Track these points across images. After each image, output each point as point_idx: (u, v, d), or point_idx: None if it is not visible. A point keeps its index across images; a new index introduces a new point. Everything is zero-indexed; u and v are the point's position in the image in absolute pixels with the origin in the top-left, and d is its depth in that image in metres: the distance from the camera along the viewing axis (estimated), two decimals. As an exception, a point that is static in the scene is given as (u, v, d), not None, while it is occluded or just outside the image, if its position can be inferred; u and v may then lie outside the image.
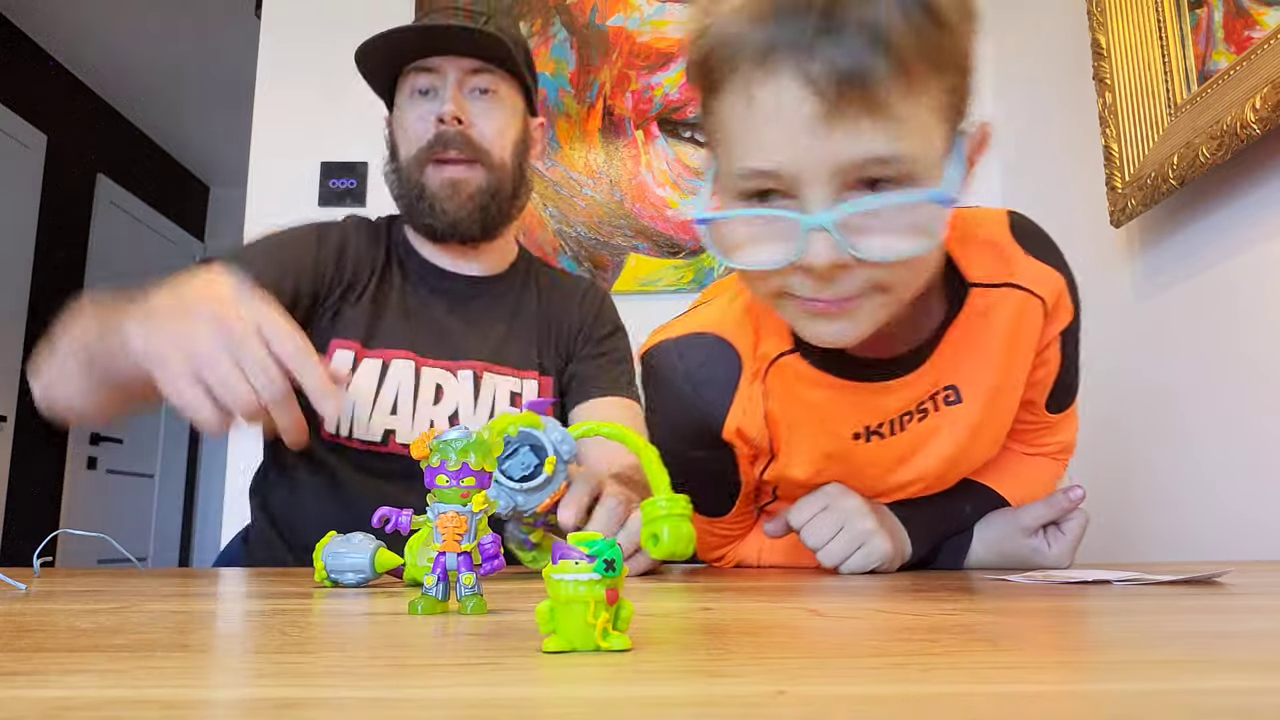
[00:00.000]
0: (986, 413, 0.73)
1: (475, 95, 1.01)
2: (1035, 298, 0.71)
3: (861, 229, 0.54)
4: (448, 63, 0.99)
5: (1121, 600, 0.47)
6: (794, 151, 0.54)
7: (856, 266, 0.56)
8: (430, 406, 0.99)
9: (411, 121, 1.01)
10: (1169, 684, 0.25)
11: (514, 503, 0.64)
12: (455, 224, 1.00)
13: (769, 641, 0.34)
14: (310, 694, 0.24)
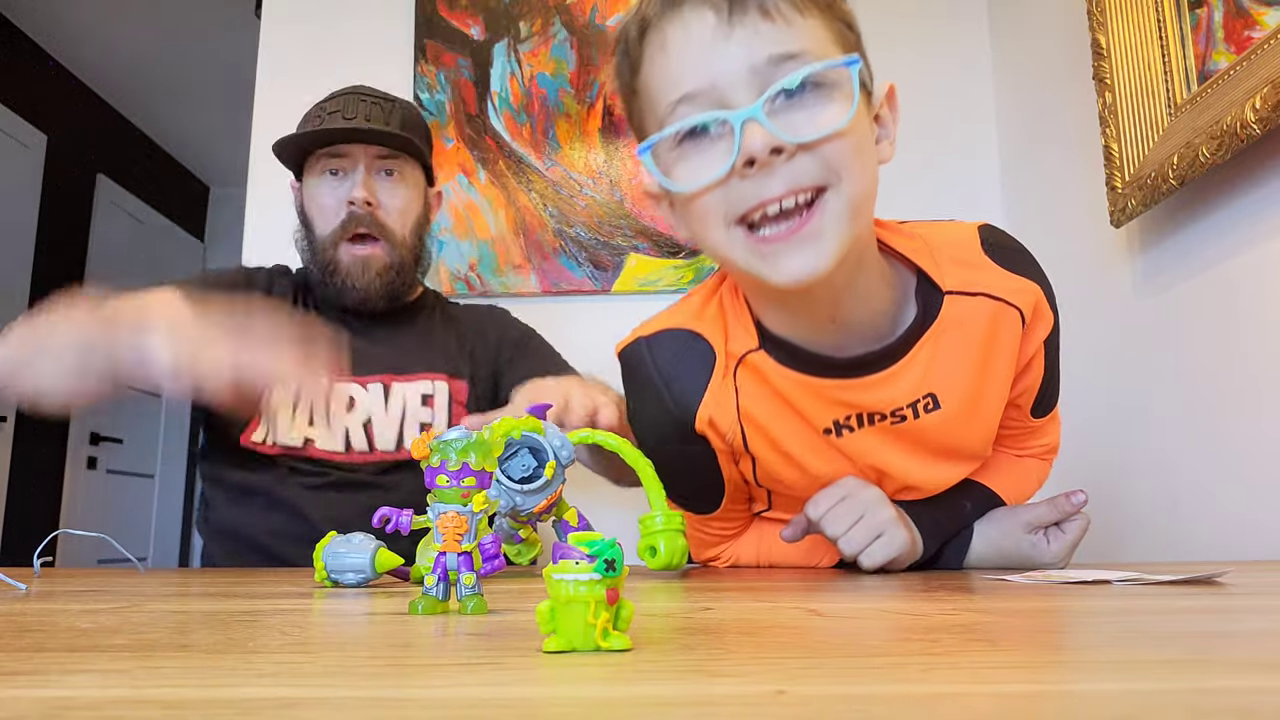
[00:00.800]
0: (967, 419, 0.74)
1: (382, 177, 1.14)
2: (1011, 308, 0.72)
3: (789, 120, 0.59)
4: (357, 149, 1.12)
5: (1121, 600, 0.47)
6: (710, 65, 0.60)
7: (797, 154, 0.59)
8: (343, 415, 1.09)
9: (324, 199, 1.13)
10: (1169, 684, 0.25)
11: (513, 503, 0.64)
12: (364, 300, 1.13)
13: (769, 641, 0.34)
14: (311, 694, 0.24)
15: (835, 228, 0.61)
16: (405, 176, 1.16)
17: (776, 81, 0.59)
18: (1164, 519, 1.20)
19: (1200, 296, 1.14)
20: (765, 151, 0.58)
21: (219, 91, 3.67)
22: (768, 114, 0.59)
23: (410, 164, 1.16)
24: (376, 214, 1.12)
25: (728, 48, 0.60)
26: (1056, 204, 1.53)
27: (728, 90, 0.60)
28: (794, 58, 0.59)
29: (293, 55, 1.80)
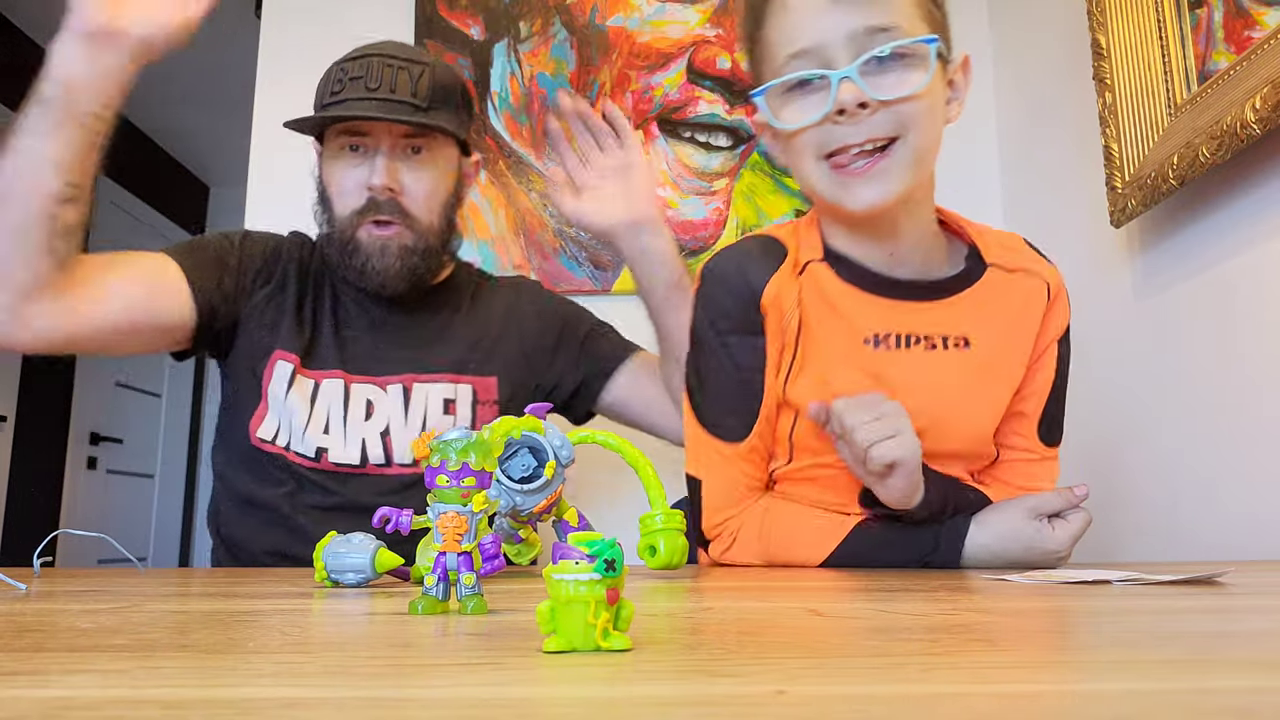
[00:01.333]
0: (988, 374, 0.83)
1: (407, 155, 1.04)
2: (1039, 279, 0.86)
3: (876, 81, 0.73)
4: (380, 128, 1.02)
5: (1121, 600, 0.47)
6: (819, 29, 0.75)
7: (879, 109, 0.74)
8: (361, 423, 1.04)
9: (343, 180, 1.05)
10: (1169, 684, 0.25)
11: (513, 502, 0.64)
12: (384, 284, 1.05)
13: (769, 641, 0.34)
14: (311, 694, 0.24)
15: (900, 170, 0.75)
16: (434, 154, 1.05)
17: (869, 49, 0.73)
18: (1164, 519, 1.20)
19: (1200, 296, 1.14)
20: (854, 105, 0.73)
21: (219, 91, 3.67)
22: (860, 74, 0.73)
23: (441, 139, 1.06)
24: (399, 200, 1.03)
25: (835, 16, 0.74)
26: (1056, 204, 1.53)
27: (831, 51, 0.74)
28: (886, 30, 0.73)
29: (293, 55, 1.80)
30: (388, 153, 1.02)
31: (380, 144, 1.02)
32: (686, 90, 1.75)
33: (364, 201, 1.03)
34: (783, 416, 0.84)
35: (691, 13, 1.78)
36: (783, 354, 0.82)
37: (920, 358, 0.81)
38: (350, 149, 1.04)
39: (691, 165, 1.73)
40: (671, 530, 0.71)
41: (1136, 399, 1.28)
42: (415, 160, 1.04)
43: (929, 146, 0.77)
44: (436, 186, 1.06)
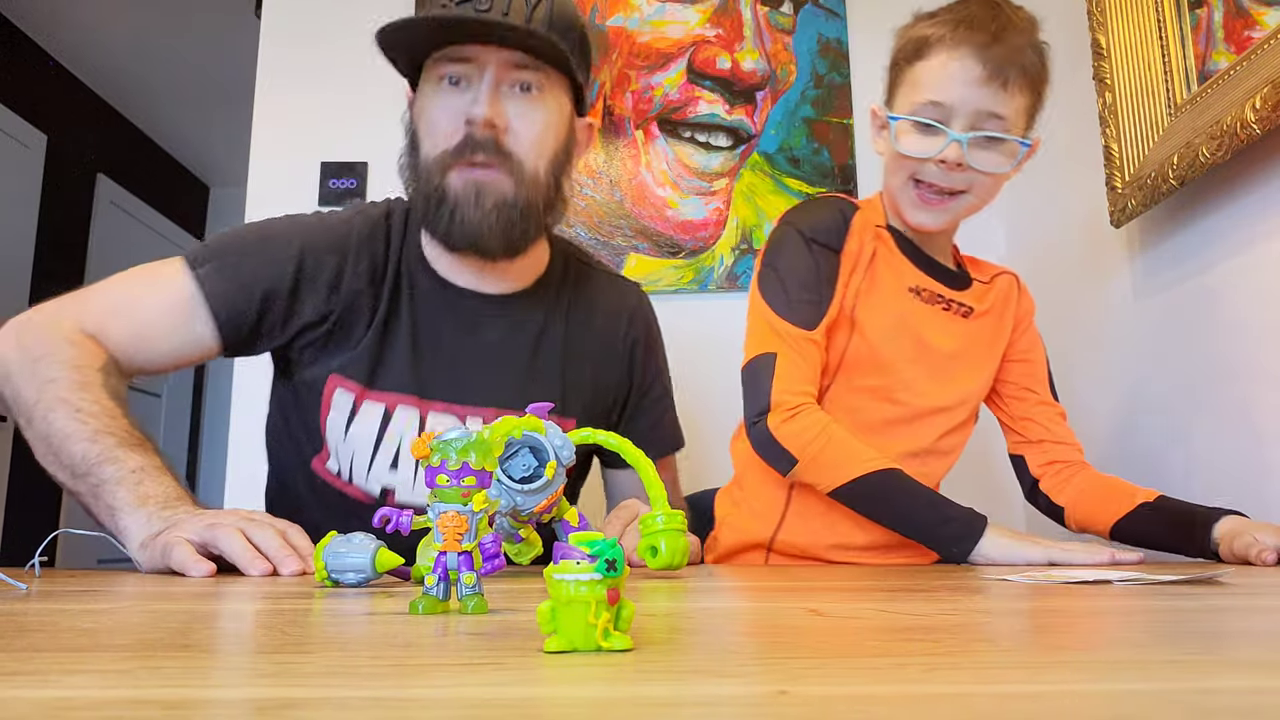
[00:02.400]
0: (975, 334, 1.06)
1: (515, 93, 0.88)
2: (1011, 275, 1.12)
3: (976, 153, 0.95)
4: (486, 53, 0.86)
5: (1121, 600, 0.47)
6: (959, 95, 0.94)
7: (966, 170, 0.95)
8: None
9: (437, 115, 0.88)
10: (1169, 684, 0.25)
11: (513, 503, 0.64)
12: (476, 236, 0.88)
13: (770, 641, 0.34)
14: (311, 694, 0.24)
15: (955, 213, 1.00)
16: (546, 96, 0.89)
17: (982, 127, 0.94)
18: (1164, 519, 1.20)
19: (1200, 296, 1.14)
20: (954, 162, 0.95)
21: (219, 91, 3.67)
22: (968, 142, 0.94)
23: (556, 80, 0.89)
24: (501, 138, 0.87)
25: (973, 91, 0.93)
26: (1056, 204, 1.53)
27: (956, 113, 0.94)
28: (1000, 119, 0.94)
29: (293, 55, 1.80)
30: (493, 83, 0.86)
31: (485, 72, 0.86)
32: (686, 90, 1.75)
33: (459, 139, 0.87)
34: (840, 332, 1.01)
35: (691, 13, 1.78)
36: (854, 274, 1.01)
37: (939, 315, 1.04)
38: (450, 82, 0.88)
39: (691, 165, 1.73)
40: (673, 531, 0.71)
41: (1136, 398, 1.28)
42: (525, 98, 0.88)
43: (980, 204, 1.00)
44: (546, 132, 0.89)
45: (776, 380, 0.96)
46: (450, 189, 0.88)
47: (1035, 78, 0.95)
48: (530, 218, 0.90)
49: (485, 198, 0.87)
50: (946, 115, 0.94)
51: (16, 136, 3.28)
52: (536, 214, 0.90)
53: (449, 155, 0.87)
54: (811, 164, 1.73)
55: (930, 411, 1.03)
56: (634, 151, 1.74)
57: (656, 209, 1.72)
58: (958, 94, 0.93)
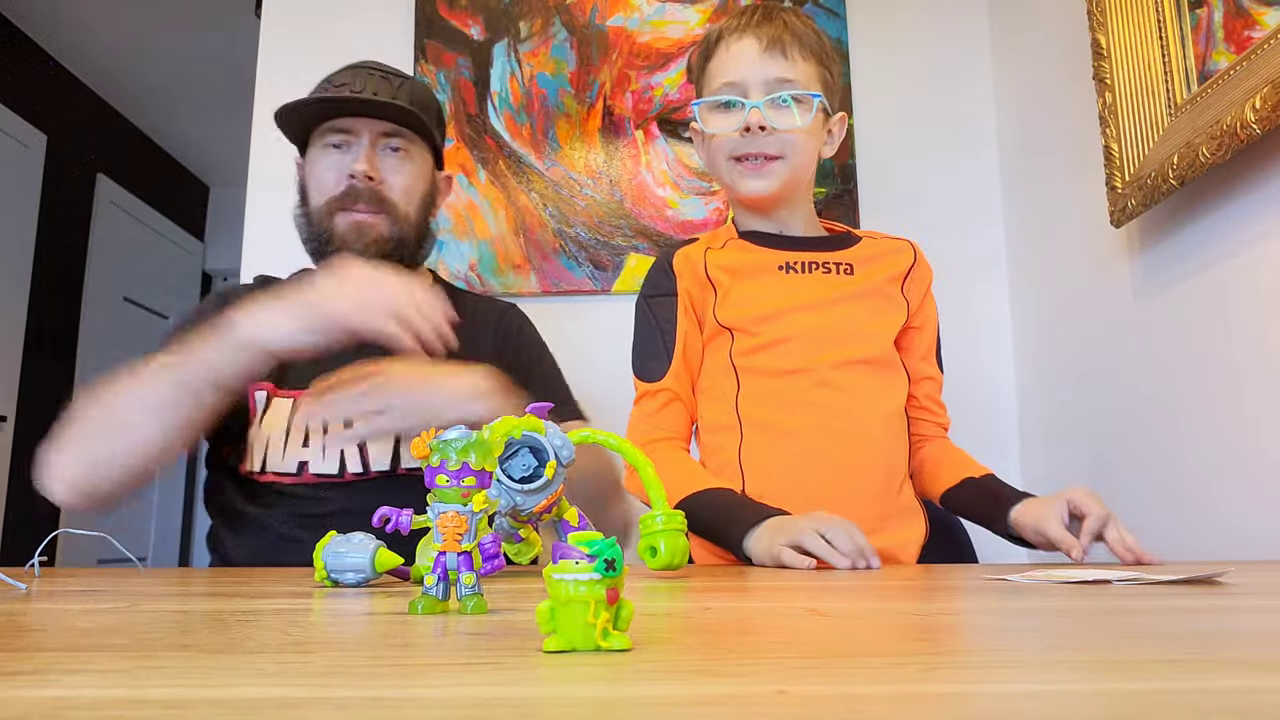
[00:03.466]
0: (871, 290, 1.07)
1: (387, 153, 1.09)
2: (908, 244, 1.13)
3: (775, 115, 1.02)
4: (362, 124, 1.07)
5: (1121, 600, 0.47)
6: (746, 70, 1.03)
7: (773, 133, 1.02)
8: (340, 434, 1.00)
9: (323, 172, 1.08)
10: (1169, 684, 0.25)
11: (513, 502, 0.64)
12: None
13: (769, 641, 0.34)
14: (311, 694, 0.24)
15: (778, 175, 1.05)
16: (412, 155, 1.11)
17: (777, 92, 1.03)
18: (1163, 519, 1.20)
19: (1200, 296, 1.14)
20: (757, 126, 1.02)
21: (219, 91, 3.67)
22: (766, 106, 1.02)
23: (418, 144, 1.12)
24: (378, 188, 1.07)
25: (759, 65, 1.03)
26: (1056, 204, 1.53)
27: (750, 86, 1.03)
28: (790, 82, 1.03)
29: (293, 55, 1.80)
30: (369, 145, 1.07)
31: (362, 137, 1.07)
32: (686, 90, 1.75)
33: (342, 188, 1.07)
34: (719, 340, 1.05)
35: (691, 13, 1.78)
36: (703, 292, 1.06)
37: (819, 279, 1.06)
38: (333, 147, 1.08)
39: (691, 165, 1.73)
40: (672, 531, 0.71)
41: (1136, 398, 1.28)
42: (395, 157, 1.09)
43: (803, 165, 1.06)
44: (415, 181, 1.11)
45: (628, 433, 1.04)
46: (336, 230, 1.07)
47: (817, 49, 1.05)
48: (404, 249, 1.10)
49: (365, 235, 1.07)
50: (742, 91, 1.03)
51: (16, 136, 3.27)
52: (410, 246, 1.11)
53: (334, 201, 1.07)
54: (811, 164, 1.73)
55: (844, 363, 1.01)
56: (634, 151, 1.74)
57: (656, 209, 1.72)
58: (746, 70, 1.03)
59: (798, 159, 1.04)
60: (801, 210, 1.11)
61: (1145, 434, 1.26)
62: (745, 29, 1.05)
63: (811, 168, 1.08)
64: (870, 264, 1.08)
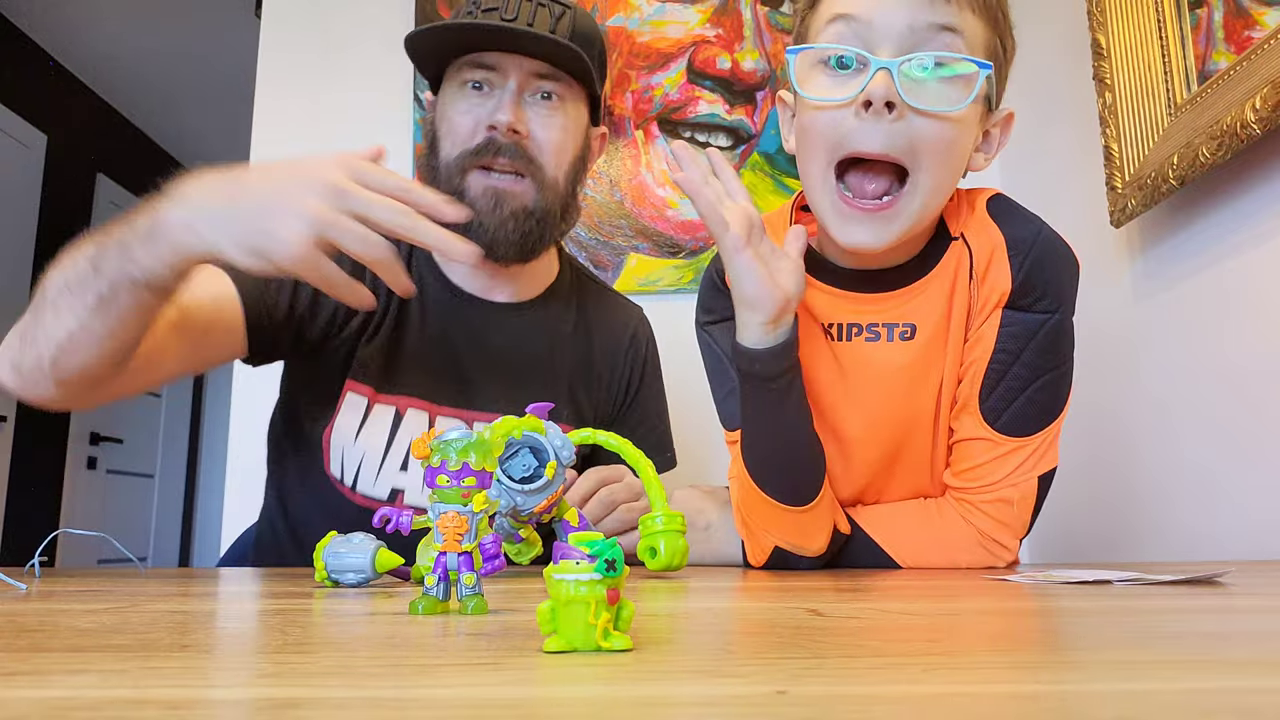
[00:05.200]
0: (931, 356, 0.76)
1: (536, 100, 0.90)
2: (967, 249, 0.76)
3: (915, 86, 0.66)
4: (510, 61, 0.88)
5: (1121, 600, 0.47)
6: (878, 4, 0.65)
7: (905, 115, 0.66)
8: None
9: (459, 117, 0.89)
10: (1169, 684, 0.25)
11: (513, 503, 0.64)
12: (492, 242, 0.89)
13: (770, 641, 0.34)
14: (311, 694, 0.24)
15: (902, 219, 0.69)
16: (567, 104, 0.91)
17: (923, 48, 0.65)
18: (1164, 519, 1.20)
19: (1200, 296, 1.14)
20: (882, 101, 0.65)
21: (219, 91, 3.67)
22: (902, 72, 0.65)
23: (575, 90, 0.92)
24: (524, 144, 0.88)
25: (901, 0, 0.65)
26: (1056, 204, 1.53)
27: (881, 33, 0.66)
28: (952, 31, 0.66)
29: (293, 55, 1.80)
30: (516, 90, 0.88)
31: (509, 79, 0.88)
32: (686, 90, 1.75)
33: (480, 139, 0.88)
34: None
35: (691, 13, 1.78)
36: None
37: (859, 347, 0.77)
38: (473, 86, 0.89)
39: (691, 165, 1.74)
40: (672, 532, 0.71)
41: (1136, 399, 1.28)
42: (546, 106, 0.90)
43: (939, 187, 0.70)
44: (566, 140, 0.91)
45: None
46: (469, 192, 0.89)
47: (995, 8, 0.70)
48: (547, 225, 0.91)
49: (503, 205, 0.88)
50: (864, 37, 0.67)
51: (16, 136, 3.28)
52: (554, 221, 0.92)
53: (469, 155, 0.88)
54: (811, 164, 1.73)
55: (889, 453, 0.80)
56: (634, 151, 1.74)
57: (657, 209, 1.72)
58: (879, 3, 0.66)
59: (933, 178, 0.68)
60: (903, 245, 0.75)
61: (1145, 434, 1.26)
62: None
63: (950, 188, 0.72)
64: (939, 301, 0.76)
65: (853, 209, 0.69)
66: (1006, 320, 0.74)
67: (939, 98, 0.66)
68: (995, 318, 0.75)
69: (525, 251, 0.92)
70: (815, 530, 0.75)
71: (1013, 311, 0.74)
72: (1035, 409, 0.75)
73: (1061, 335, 0.75)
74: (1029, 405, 0.75)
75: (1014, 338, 0.74)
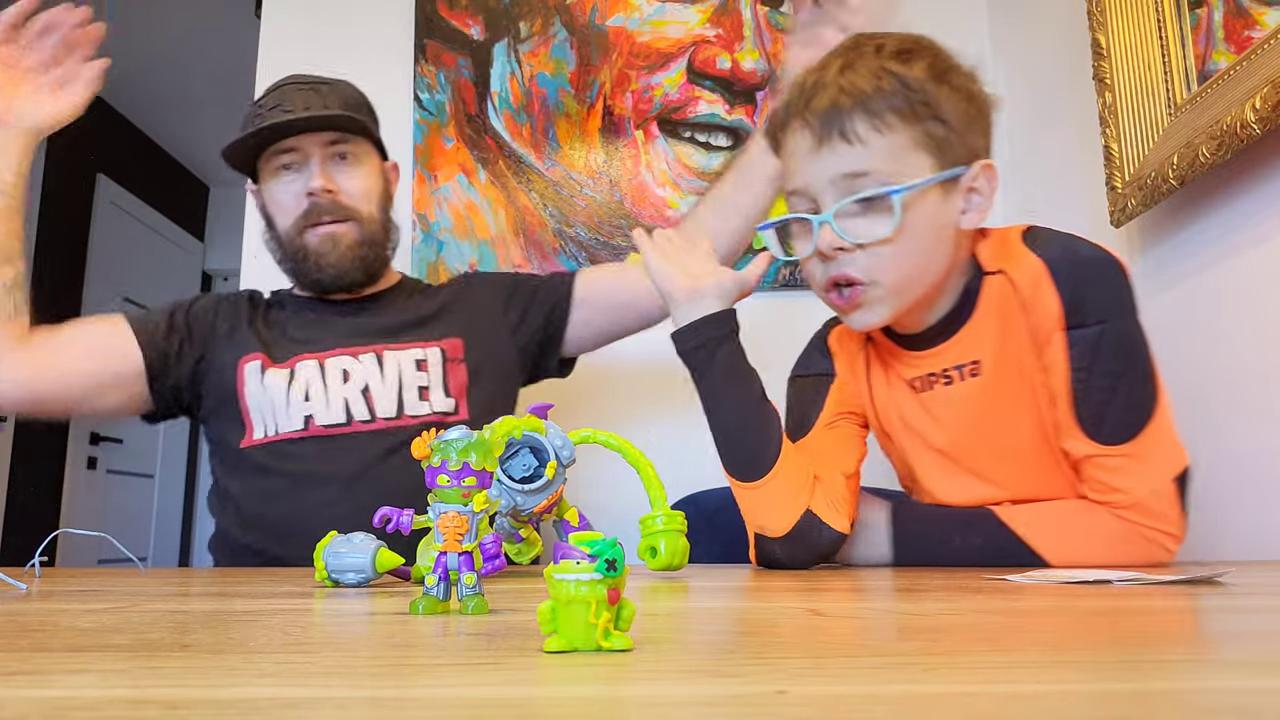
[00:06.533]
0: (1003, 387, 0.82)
1: (336, 161, 1.12)
2: (1009, 282, 0.81)
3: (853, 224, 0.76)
4: (306, 140, 1.10)
5: (1121, 600, 0.47)
6: (807, 173, 0.78)
7: (855, 250, 0.77)
8: (341, 386, 1.07)
9: (283, 195, 1.12)
10: (1169, 684, 0.25)
11: (514, 502, 0.64)
12: (340, 275, 1.12)
13: (770, 641, 0.34)
14: (312, 694, 0.24)
15: (878, 306, 0.79)
16: (360, 158, 1.14)
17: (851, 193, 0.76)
18: (1164, 519, 1.20)
19: (1200, 296, 1.14)
20: (830, 249, 0.77)
21: (219, 91, 3.67)
22: (839, 217, 0.76)
23: (363, 144, 1.15)
24: (339, 199, 1.11)
25: (816, 163, 0.77)
26: (1056, 204, 1.53)
27: (817, 193, 0.78)
28: (863, 175, 0.75)
29: (293, 55, 1.80)
30: (319, 160, 1.11)
31: (310, 156, 1.11)
32: (686, 90, 1.75)
33: (304, 206, 1.11)
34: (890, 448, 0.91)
35: (691, 13, 1.78)
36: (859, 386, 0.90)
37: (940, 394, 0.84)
38: (284, 169, 1.12)
39: (691, 165, 1.73)
40: (672, 532, 0.71)
41: (1136, 399, 1.28)
42: (344, 165, 1.13)
43: (904, 279, 0.78)
44: (370, 183, 1.15)
45: None
46: (309, 245, 1.11)
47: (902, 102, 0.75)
48: (377, 247, 1.15)
49: (339, 244, 1.11)
50: (809, 200, 0.79)
51: (16, 136, 3.27)
52: (381, 244, 1.16)
53: (301, 220, 1.11)
54: (811, 164, 1.73)
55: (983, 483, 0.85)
56: (634, 151, 1.74)
57: (656, 209, 1.72)
58: (806, 171, 0.78)
59: (893, 278, 0.77)
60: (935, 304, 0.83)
61: (1145, 434, 1.25)
62: (795, 114, 0.79)
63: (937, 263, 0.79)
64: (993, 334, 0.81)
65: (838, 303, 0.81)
66: (1071, 341, 0.78)
67: (870, 230, 0.76)
68: (1059, 341, 0.78)
69: (369, 274, 1.15)
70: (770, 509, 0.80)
71: (1072, 331, 0.78)
72: (1129, 412, 0.79)
73: (1125, 337, 0.78)
74: (1123, 411, 0.78)
75: (1082, 354, 0.78)
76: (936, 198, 0.77)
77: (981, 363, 0.82)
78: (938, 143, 0.76)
